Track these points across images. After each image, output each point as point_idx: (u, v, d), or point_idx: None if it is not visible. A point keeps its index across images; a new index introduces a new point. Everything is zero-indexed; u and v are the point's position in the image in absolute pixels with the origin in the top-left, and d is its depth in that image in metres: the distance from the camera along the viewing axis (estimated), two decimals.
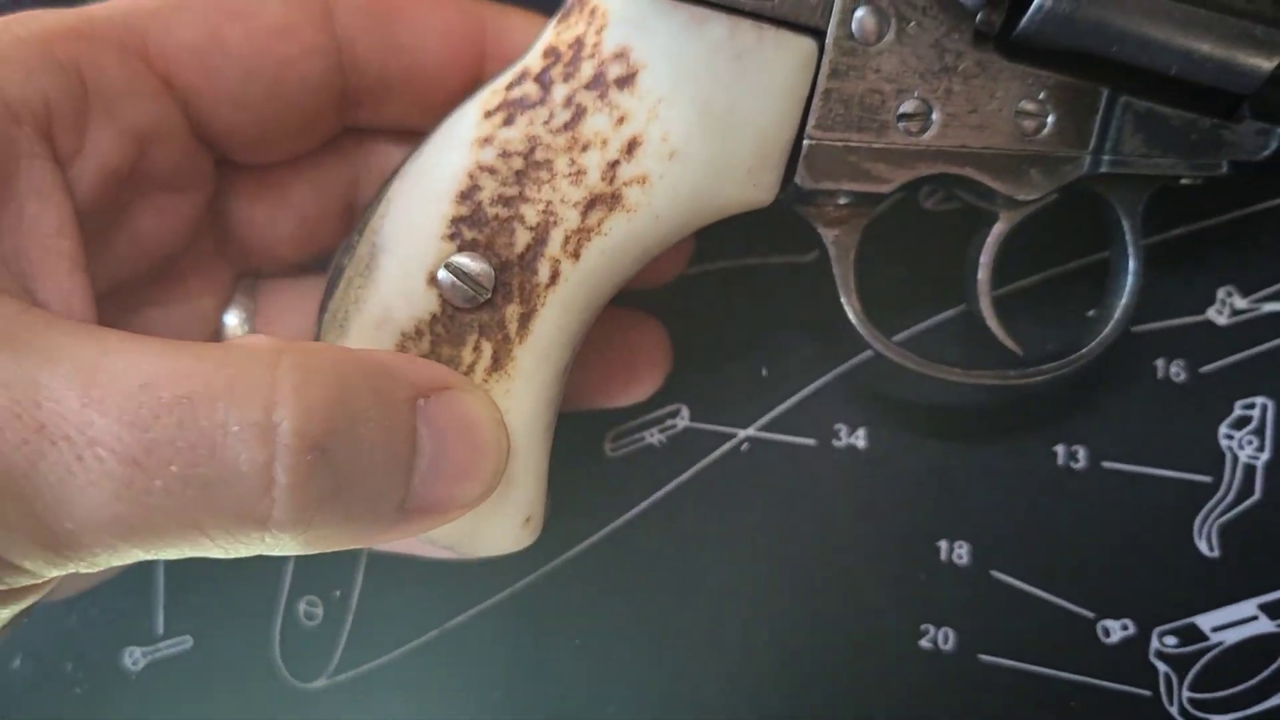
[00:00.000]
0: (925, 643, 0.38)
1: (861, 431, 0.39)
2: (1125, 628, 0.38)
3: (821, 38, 0.29)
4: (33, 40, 0.26)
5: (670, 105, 0.28)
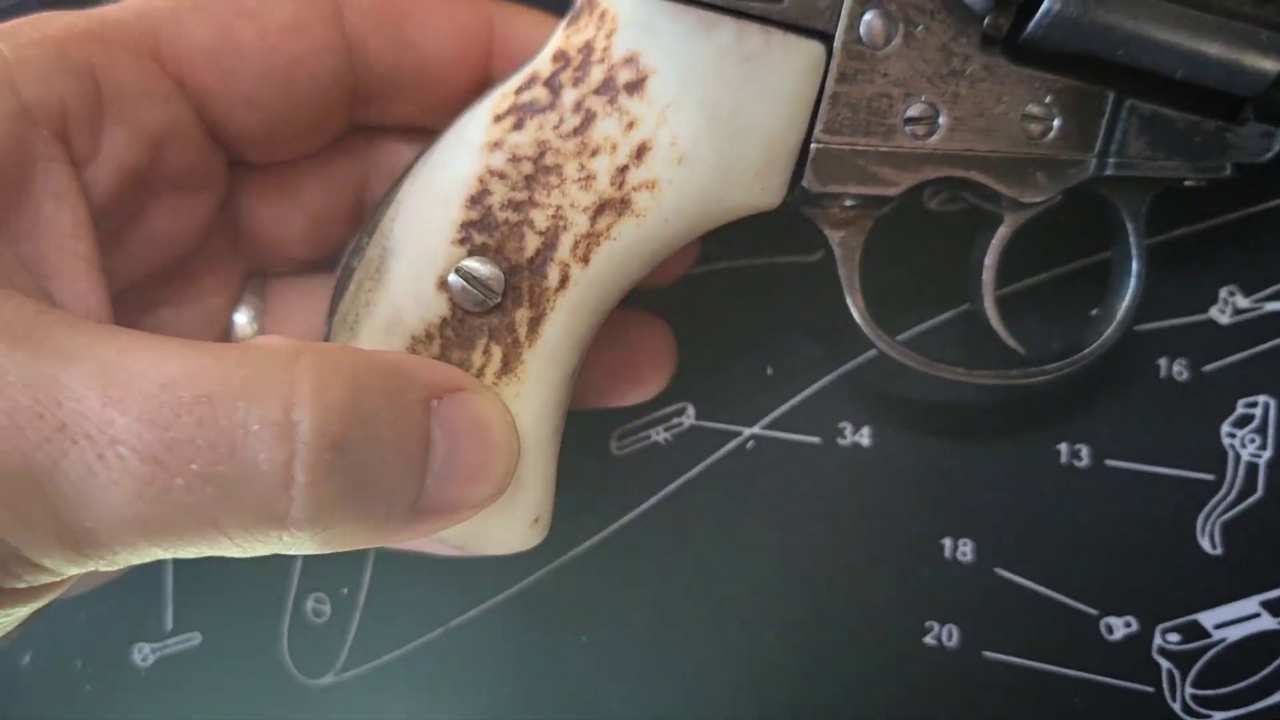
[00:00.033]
0: (930, 639, 0.39)
1: (866, 430, 0.39)
2: (1128, 625, 0.38)
3: (829, 42, 0.29)
4: (47, 43, 0.26)
5: (679, 110, 0.28)
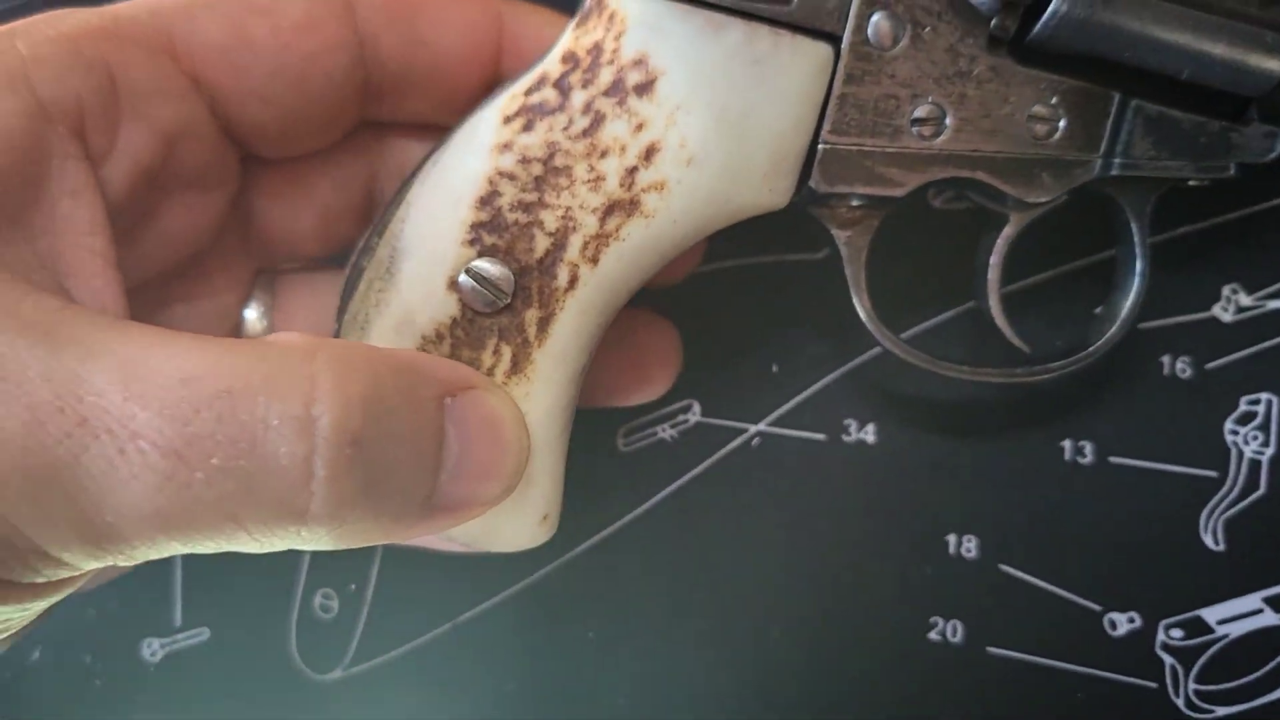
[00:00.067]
0: (934, 635, 0.39)
1: (871, 427, 0.39)
2: (1132, 620, 0.38)
3: (837, 43, 0.29)
4: (62, 40, 0.26)
5: (688, 111, 0.28)
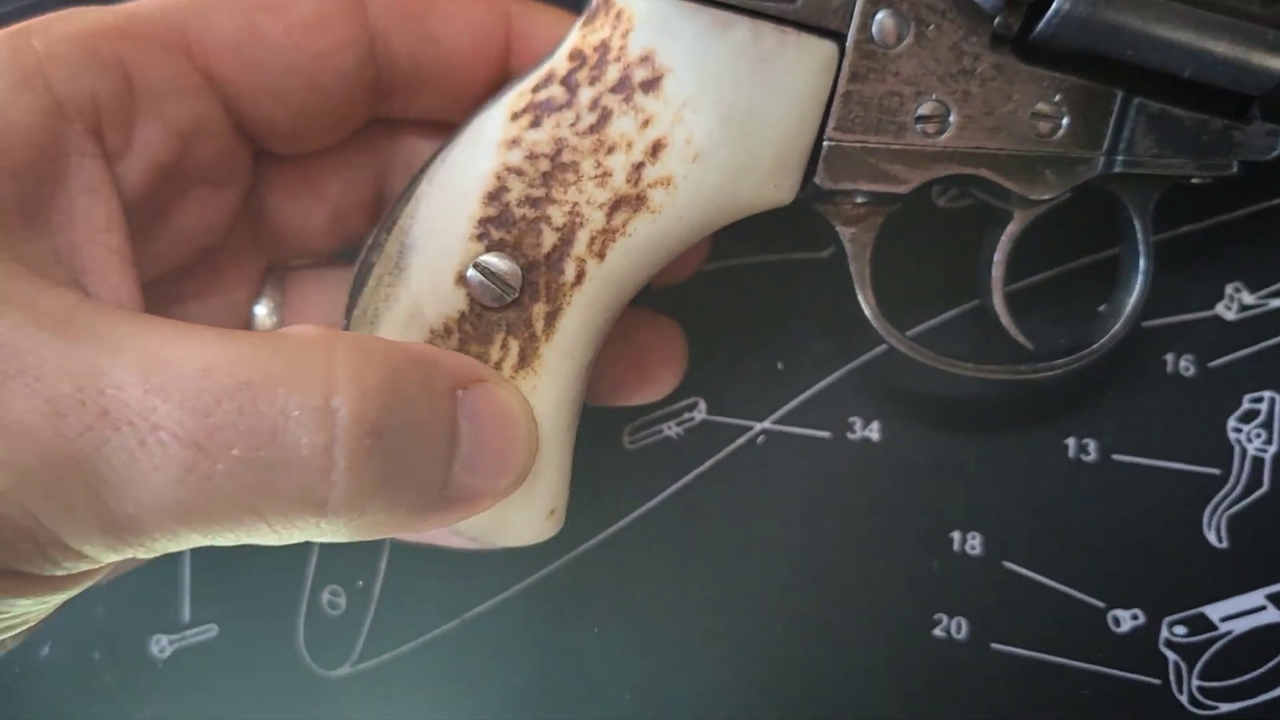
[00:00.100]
0: (939, 632, 0.39)
1: (875, 424, 0.39)
2: (1135, 617, 0.38)
3: (842, 41, 0.29)
4: (78, 38, 0.27)
5: (694, 108, 0.29)
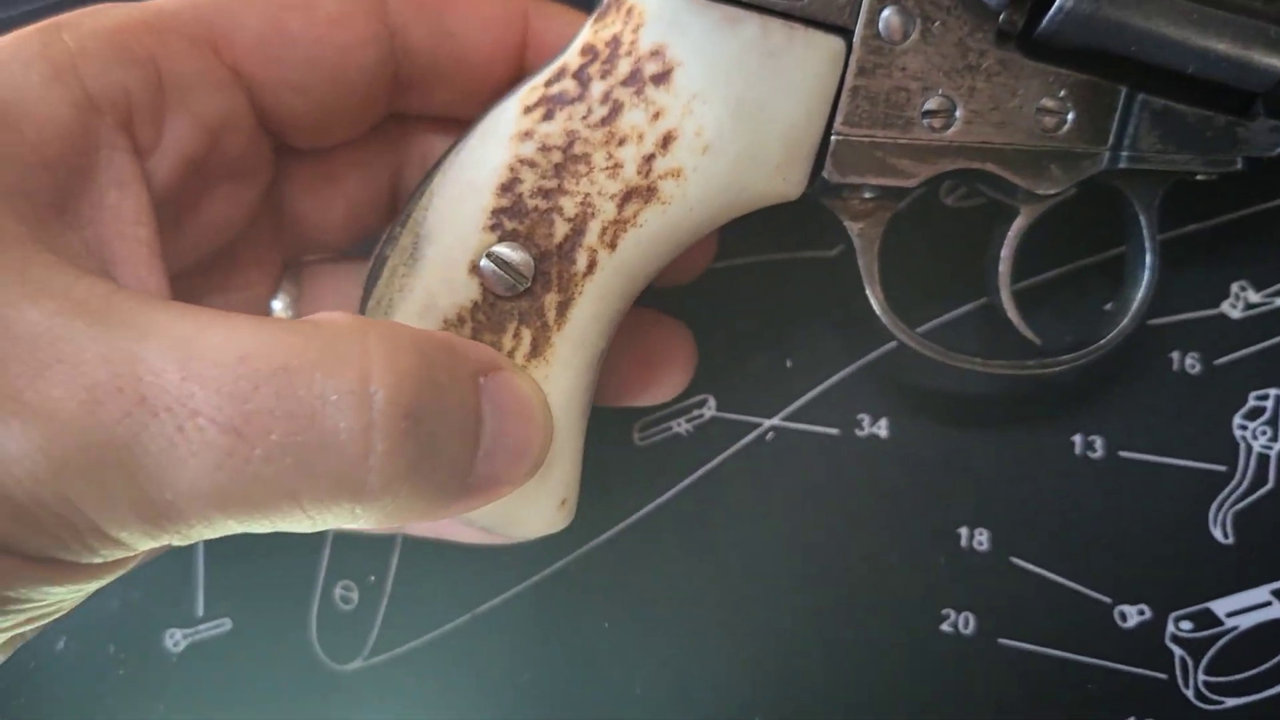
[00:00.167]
0: (946, 627, 0.39)
1: (883, 421, 0.40)
2: (1142, 613, 0.38)
3: (849, 37, 0.30)
4: (108, 33, 0.27)
5: (704, 101, 0.29)
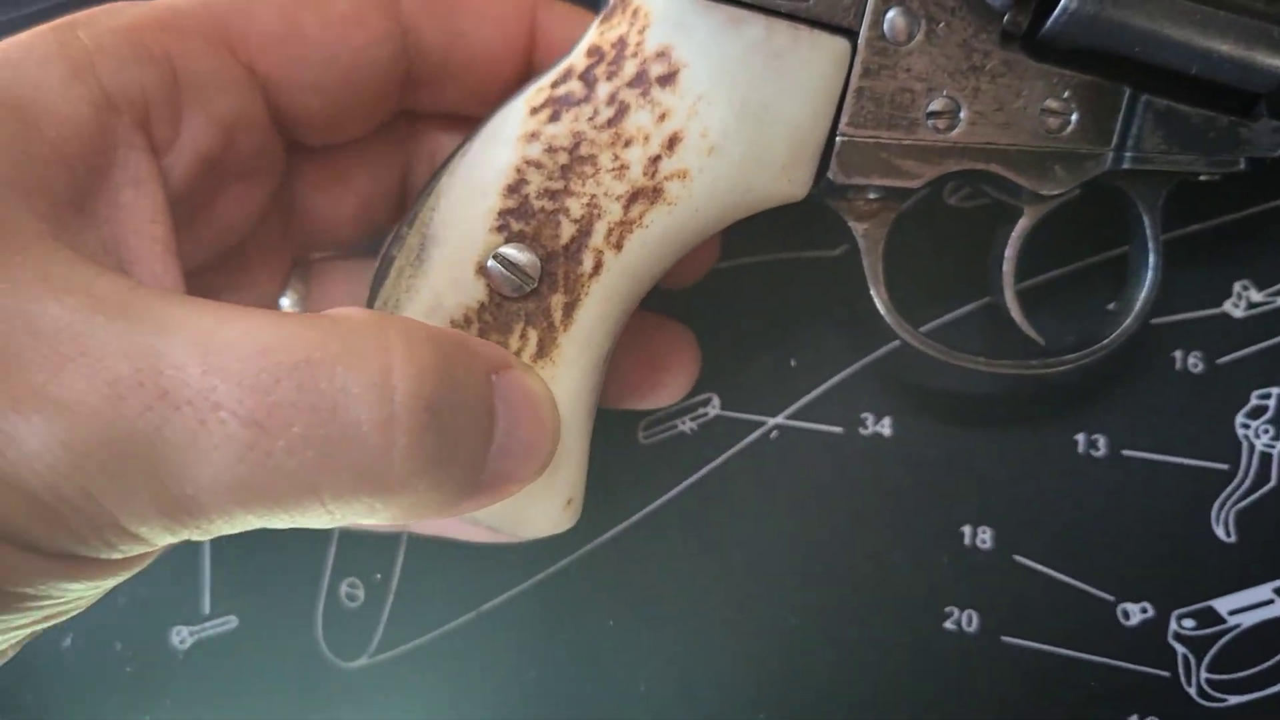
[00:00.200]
0: (949, 625, 0.39)
1: (887, 420, 0.40)
2: (1144, 610, 0.38)
3: (854, 38, 0.30)
4: (125, 31, 0.27)
5: (710, 102, 0.29)
